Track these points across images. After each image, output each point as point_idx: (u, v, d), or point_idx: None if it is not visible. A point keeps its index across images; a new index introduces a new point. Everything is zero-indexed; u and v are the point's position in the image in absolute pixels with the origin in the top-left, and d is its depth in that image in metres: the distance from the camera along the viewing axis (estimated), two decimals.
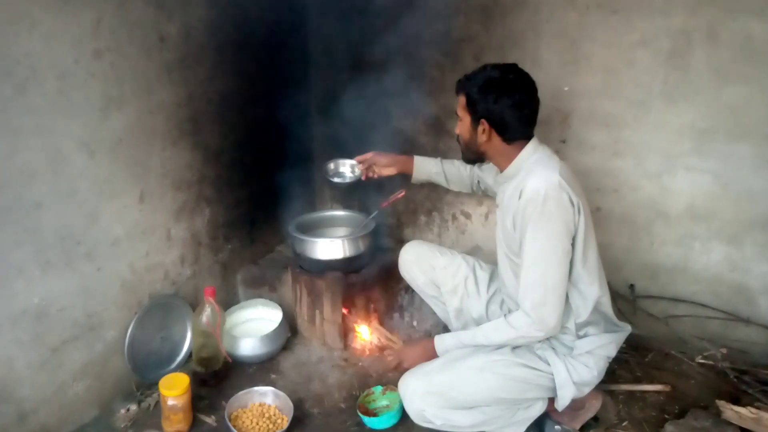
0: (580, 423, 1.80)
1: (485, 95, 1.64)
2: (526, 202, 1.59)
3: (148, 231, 2.07)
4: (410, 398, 1.72)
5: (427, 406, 1.70)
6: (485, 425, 1.74)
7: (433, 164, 2.18)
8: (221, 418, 1.90)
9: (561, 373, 1.69)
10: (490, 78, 1.65)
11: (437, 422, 1.72)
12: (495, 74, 1.65)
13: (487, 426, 1.74)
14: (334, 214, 2.69)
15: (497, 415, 1.73)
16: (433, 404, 1.70)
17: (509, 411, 1.74)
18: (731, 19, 1.89)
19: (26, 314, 1.68)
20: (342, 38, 2.71)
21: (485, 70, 1.68)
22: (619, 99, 2.13)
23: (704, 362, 2.12)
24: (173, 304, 2.19)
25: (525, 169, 1.68)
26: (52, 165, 1.68)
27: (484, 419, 1.73)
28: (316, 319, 2.37)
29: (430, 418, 1.71)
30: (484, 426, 1.74)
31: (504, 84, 1.64)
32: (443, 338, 1.84)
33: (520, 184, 1.65)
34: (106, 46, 1.78)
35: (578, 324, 1.71)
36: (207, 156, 2.29)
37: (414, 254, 2.16)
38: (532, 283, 1.61)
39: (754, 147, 1.96)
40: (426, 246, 2.19)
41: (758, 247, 2.04)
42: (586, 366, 1.70)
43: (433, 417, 1.71)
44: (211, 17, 2.20)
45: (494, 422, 1.74)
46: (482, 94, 1.65)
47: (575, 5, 2.11)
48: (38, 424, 1.75)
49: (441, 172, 2.16)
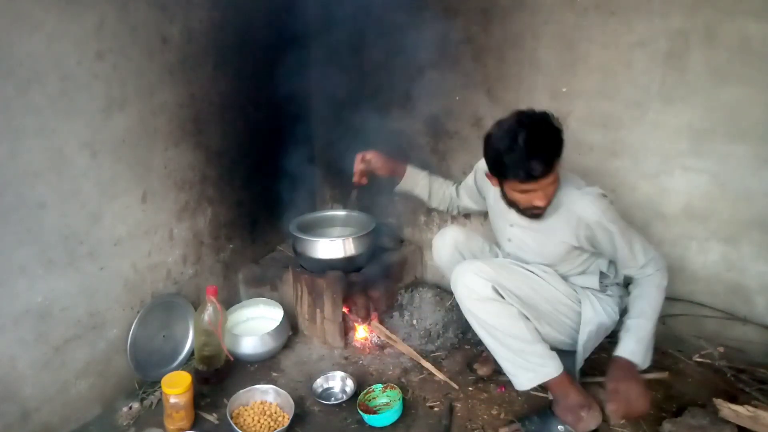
0: (584, 429, 1.79)
1: (561, 146, 1.66)
2: (593, 220, 1.76)
3: (151, 231, 2.08)
4: (463, 270, 1.81)
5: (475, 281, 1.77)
6: (503, 349, 1.79)
7: (422, 177, 2.27)
8: (223, 416, 1.92)
9: (588, 310, 1.88)
10: (554, 129, 1.65)
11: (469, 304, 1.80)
12: (554, 122, 1.66)
13: (504, 352, 1.79)
14: (334, 214, 2.71)
15: (516, 345, 1.76)
16: (482, 276, 1.76)
17: (529, 347, 1.77)
18: (729, 20, 1.90)
19: (29, 313, 1.69)
20: (342, 39, 2.72)
21: (540, 129, 1.64)
22: (617, 100, 2.14)
23: (701, 361, 2.13)
24: (175, 303, 2.21)
25: (559, 191, 1.79)
26: (55, 165, 1.70)
27: (504, 340, 1.77)
28: (317, 318, 2.38)
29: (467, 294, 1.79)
30: (501, 350, 1.79)
31: (557, 126, 1.67)
32: (632, 351, 1.71)
33: (562, 207, 1.80)
34: (108, 48, 1.79)
35: (614, 277, 1.97)
36: (209, 156, 2.30)
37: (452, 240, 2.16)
38: (639, 250, 1.81)
39: (752, 147, 1.97)
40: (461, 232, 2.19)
41: (755, 247, 2.05)
42: (610, 307, 1.90)
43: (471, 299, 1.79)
44: (213, 19, 2.22)
45: (511, 355, 1.78)
46: (561, 147, 1.67)
47: (574, 7, 2.13)
48: (41, 423, 1.77)
49: (427, 185, 2.27)
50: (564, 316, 1.89)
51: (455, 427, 1.90)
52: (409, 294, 2.60)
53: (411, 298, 2.57)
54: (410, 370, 2.22)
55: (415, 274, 2.79)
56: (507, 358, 1.81)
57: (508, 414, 1.95)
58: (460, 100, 2.48)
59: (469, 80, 2.43)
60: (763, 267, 2.06)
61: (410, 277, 2.75)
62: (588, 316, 1.87)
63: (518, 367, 1.79)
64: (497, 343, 1.80)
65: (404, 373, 2.21)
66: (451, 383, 2.11)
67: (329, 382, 2.14)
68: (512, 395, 2.05)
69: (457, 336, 2.41)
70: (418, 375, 2.19)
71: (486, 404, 2.01)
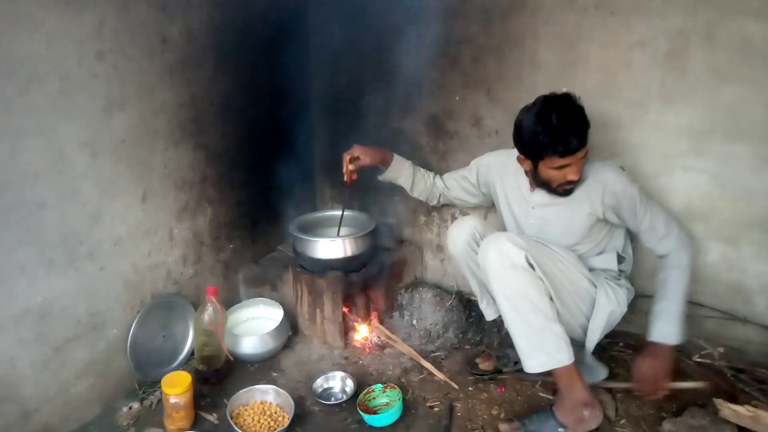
0: (584, 430, 1.79)
1: (588, 121, 1.81)
2: (619, 188, 1.88)
3: (151, 231, 2.08)
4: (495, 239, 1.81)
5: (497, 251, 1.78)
6: (524, 324, 1.76)
7: (407, 166, 2.35)
8: (223, 416, 1.92)
9: (602, 296, 1.91)
10: (579, 107, 1.80)
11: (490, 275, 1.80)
12: (577, 101, 1.80)
13: (524, 328, 1.76)
14: (334, 214, 2.70)
15: (538, 322, 1.74)
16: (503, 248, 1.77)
17: (549, 325, 1.75)
18: (729, 20, 1.90)
19: (29, 314, 1.70)
20: (342, 39, 2.72)
21: (568, 107, 1.79)
22: (617, 100, 2.14)
23: (701, 361, 2.13)
24: (175, 303, 2.21)
25: (585, 168, 1.90)
26: (55, 165, 1.70)
27: (527, 314, 1.75)
28: (317, 318, 2.38)
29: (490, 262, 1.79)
30: (522, 325, 1.77)
31: (580, 104, 1.81)
32: (660, 333, 1.84)
33: (588, 179, 1.91)
34: (108, 48, 1.80)
35: (626, 270, 2.06)
36: (209, 156, 2.31)
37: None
38: (661, 221, 1.92)
39: (752, 147, 1.97)
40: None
41: (755, 247, 2.06)
42: (621, 298, 1.94)
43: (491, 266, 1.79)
44: (213, 19, 2.22)
45: (530, 332, 1.75)
46: (588, 122, 1.81)
47: (574, 7, 2.13)
48: (41, 423, 1.77)
49: (411, 175, 2.36)
50: (580, 301, 1.91)
51: (455, 427, 1.90)
52: (409, 294, 2.60)
53: (411, 298, 2.57)
54: (410, 370, 2.22)
55: (415, 274, 2.79)
56: (526, 335, 1.76)
57: (508, 414, 1.95)
58: (460, 100, 2.48)
59: (469, 80, 2.43)
60: (763, 267, 2.06)
61: (410, 277, 2.75)
62: (602, 301, 1.91)
63: (534, 347, 1.75)
64: (520, 317, 1.76)
65: (404, 373, 2.21)
66: (451, 383, 2.11)
67: (329, 382, 2.14)
68: (512, 395, 2.05)
69: (457, 336, 2.41)
70: (418, 375, 2.19)
71: (486, 404, 2.01)
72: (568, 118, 1.76)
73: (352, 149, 2.24)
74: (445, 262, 2.76)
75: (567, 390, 1.79)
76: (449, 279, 2.76)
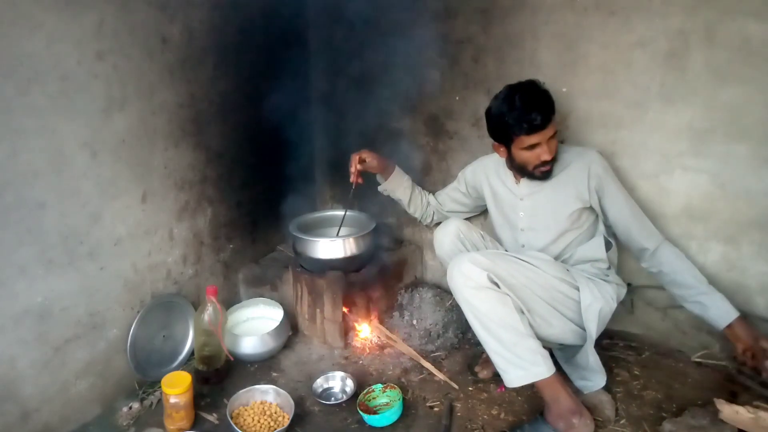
0: None
1: (553, 103, 1.90)
2: (601, 169, 1.96)
3: (151, 231, 2.09)
4: (460, 260, 1.81)
5: (472, 270, 1.77)
6: (495, 342, 1.77)
7: (406, 180, 2.41)
8: (223, 416, 1.92)
9: (586, 295, 1.90)
10: (542, 90, 1.89)
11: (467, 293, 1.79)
12: (541, 85, 1.90)
13: (496, 346, 1.77)
14: (334, 214, 2.70)
15: (509, 338, 1.75)
16: (478, 267, 1.77)
17: (521, 341, 1.75)
18: (729, 20, 1.90)
19: (29, 313, 1.70)
20: (342, 39, 2.72)
21: (537, 86, 1.90)
22: (617, 100, 2.14)
23: (701, 361, 2.14)
24: (175, 303, 2.21)
25: (564, 153, 2.02)
26: (55, 165, 1.70)
27: (497, 332, 1.76)
28: (317, 318, 2.38)
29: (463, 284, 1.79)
30: (493, 343, 1.77)
31: (544, 89, 1.91)
32: (727, 311, 1.89)
33: (573, 162, 1.99)
34: (108, 48, 1.80)
35: (612, 259, 2.06)
36: (209, 156, 2.31)
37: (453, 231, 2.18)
38: (644, 218, 2.01)
39: (752, 147, 1.97)
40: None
41: (755, 247, 2.05)
42: (609, 294, 1.95)
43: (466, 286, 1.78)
44: (213, 19, 2.22)
45: (502, 350, 1.76)
46: (553, 103, 1.90)
47: (574, 7, 2.13)
48: (41, 423, 1.77)
49: (409, 188, 2.41)
50: (561, 305, 1.89)
51: (455, 427, 1.90)
52: (409, 294, 2.60)
53: (411, 298, 2.57)
54: (410, 370, 2.22)
55: (415, 274, 2.79)
56: (498, 352, 1.77)
57: (508, 414, 1.95)
58: (460, 100, 2.48)
59: (469, 80, 2.43)
60: (763, 267, 2.06)
61: (410, 277, 2.75)
62: (588, 300, 1.89)
63: (509, 363, 1.76)
64: (490, 335, 1.78)
65: (404, 373, 2.21)
66: (451, 383, 2.11)
67: (329, 382, 2.14)
68: (512, 395, 2.05)
69: (457, 336, 2.41)
70: (418, 375, 2.19)
71: (486, 404, 2.01)
72: (531, 98, 1.85)
73: (361, 151, 2.28)
74: None
75: (552, 401, 1.77)
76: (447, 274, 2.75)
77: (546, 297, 1.86)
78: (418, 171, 2.61)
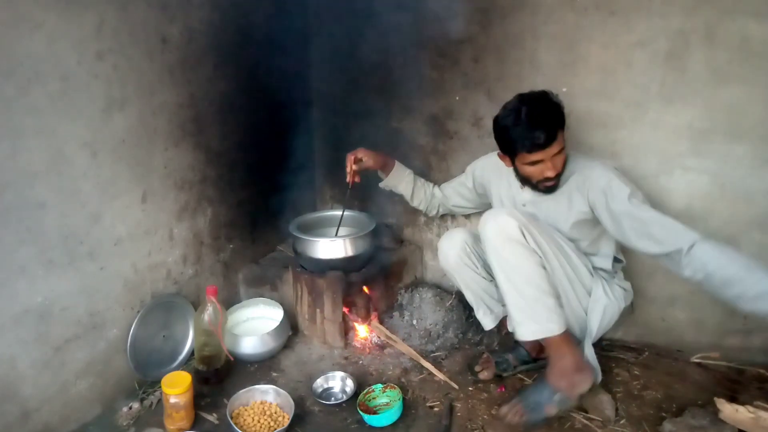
0: (577, 393, 1.80)
1: (562, 118, 1.82)
2: (604, 182, 1.83)
3: (151, 231, 2.09)
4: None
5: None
6: (517, 295, 1.81)
7: (407, 174, 2.38)
8: (223, 416, 1.92)
9: (599, 290, 1.93)
10: (553, 103, 1.82)
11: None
12: (553, 98, 1.83)
13: (517, 299, 1.81)
14: (334, 214, 2.70)
15: (531, 293, 1.78)
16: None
17: (542, 297, 1.79)
18: (729, 20, 1.90)
19: (29, 313, 1.70)
20: (342, 39, 2.72)
21: (547, 100, 1.82)
22: (617, 100, 2.14)
23: (701, 361, 2.14)
24: (175, 303, 2.21)
25: (571, 163, 1.92)
26: (55, 165, 1.70)
27: (520, 286, 1.79)
28: (317, 318, 2.38)
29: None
30: (515, 296, 1.81)
31: (556, 101, 1.83)
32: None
33: (574, 175, 1.91)
34: (108, 48, 1.80)
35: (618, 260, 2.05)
36: (209, 156, 2.31)
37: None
38: (663, 218, 1.76)
39: (752, 147, 1.97)
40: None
41: (755, 247, 2.05)
42: (617, 295, 1.97)
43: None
44: (213, 19, 2.22)
45: (522, 303, 1.80)
46: (563, 119, 1.82)
47: (574, 7, 2.13)
48: (41, 423, 1.77)
49: (411, 183, 2.38)
50: (580, 286, 1.92)
51: (455, 427, 1.90)
52: (409, 294, 2.60)
53: (411, 298, 2.57)
54: (410, 370, 2.22)
55: (415, 274, 2.79)
56: (518, 305, 1.82)
57: None
58: (460, 100, 2.48)
59: (469, 80, 2.43)
60: None
61: (410, 277, 2.75)
62: (598, 294, 1.92)
63: (526, 316, 1.81)
64: (513, 288, 1.82)
65: (404, 373, 2.21)
66: (451, 383, 2.11)
67: (329, 382, 2.14)
68: (512, 395, 2.04)
69: (457, 336, 2.41)
70: (418, 375, 2.19)
71: (486, 404, 2.01)
72: (537, 113, 1.78)
73: (356, 151, 2.26)
74: None
75: (557, 357, 1.80)
76: (449, 279, 2.74)
77: (568, 273, 1.90)
78: (418, 171, 2.60)
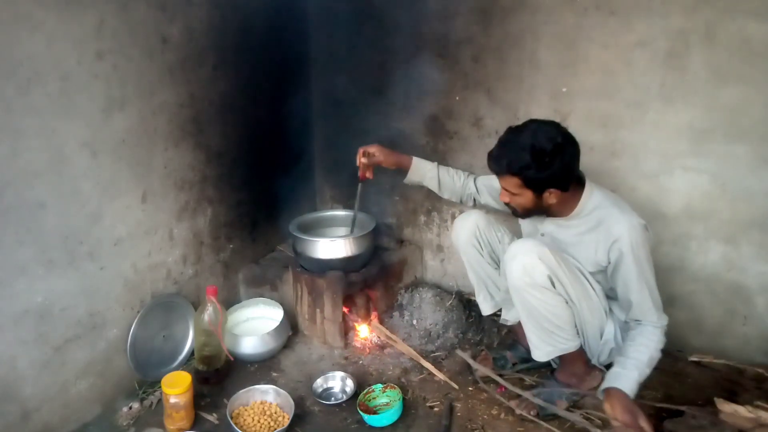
0: (587, 387, 1.93)
1: (545, 169, 1.68)
2: (627, 248, 1.73)
3: (151, 231, 2.08)
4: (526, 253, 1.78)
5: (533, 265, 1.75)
6: (536, 327, 1.84)
7: (429, 167, 2.24)
8: (223, 416, 1.92)
9: (611, 328, 1.92)
10: (541, 151, 1.67)
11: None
12: (544, 145, 1.67)
13: (535, 329, 1.85)
14: (334, 214, 2.71)
15: (550, 327, 1.82)
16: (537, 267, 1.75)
17: (561, 331, 1.83)
18: (729, 20, 1.90)
19: (29, 313, 1.69)
20: (342, 39, 2.72)
21: (525, 146, 1.68)
22: (617, 100, 2.14)
23: (701, 361, 2.14)
24: (175, 303, 2.21)
25: (598, 210, 1.81)
26: (55, 165, 1.70)
27: (541, 321, 1.81)
28: (317, 318, 2.38)
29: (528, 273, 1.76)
30: (533, 326, 1.85)
31: (557, 149, 1.68)
32: (624, 384, 1.68)
33: (602, 226, 1.79)
34: (108, 48, 1.80)
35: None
36: (209, 156, 2.31)
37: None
38: (647, 299, 1.78)
39: (752, 147, 1.97)
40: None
41: (755, 247, 2.05)
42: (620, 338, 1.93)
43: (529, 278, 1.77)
44: (213, 19, 2.22)
45: (540, 332, 1.84)
46: (542, 169, 1.68)
47: (574, 7, 2.13)
48: (41, 423, 1.77)
49: (435, 177, 2.23)
50: (596, 320, 1.90)
51: (455, 427, 1.91)
52: (409, 294, 2.60)
53: (411, 298, 2.57)
54: (410, 370, 2.22)
55: (415, 274, 2.79)
56: (536, 333, 1.87)
57: (508, 414, 1.95)
58: (460, 100, 2.48)
59: (469, 80, 2.43)
60: (763, 267, 2.06)
61: (410, 277, 2.75)
62: (610, 331, 1.92)
63: (543, 341, 1.86)
64: (532, 321, 1.85)
65: (404, 373, 2.21)
66: (451, 383, 2.11)
67: (329, 382, 2.14)
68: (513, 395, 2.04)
69: (457, 336, 2.41)
70: (418, 375, 2.19)
71: (486, 404, 2.01)
72: (508, 142, 1.74)
73: (369, 145, 2.17)
74: (445, 262, 2.76)
75: (569, 365, 1.93)
76: (449, 279, 2.76)
77: (585, 317, 1.89)
78: None
